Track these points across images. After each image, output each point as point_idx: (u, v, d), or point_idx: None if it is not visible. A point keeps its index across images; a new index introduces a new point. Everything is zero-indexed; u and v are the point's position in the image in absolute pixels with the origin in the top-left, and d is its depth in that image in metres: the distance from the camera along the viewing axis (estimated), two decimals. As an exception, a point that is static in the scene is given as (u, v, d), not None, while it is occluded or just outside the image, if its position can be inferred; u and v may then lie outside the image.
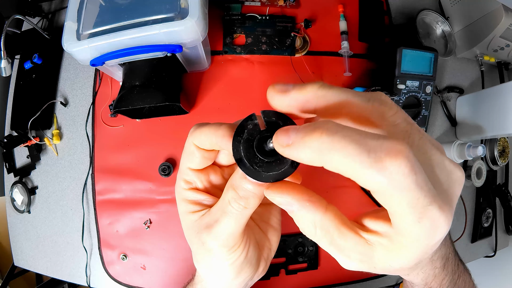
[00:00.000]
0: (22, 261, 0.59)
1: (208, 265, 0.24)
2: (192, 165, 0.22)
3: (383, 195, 0.14)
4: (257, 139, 0.17)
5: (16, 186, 0.57)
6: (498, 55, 0.69)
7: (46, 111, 0.57)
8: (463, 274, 0.31)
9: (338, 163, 0.14)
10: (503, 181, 0.78)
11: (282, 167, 0.17)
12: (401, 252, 0.16)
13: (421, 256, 0.16)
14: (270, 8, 0.61)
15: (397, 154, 0.13)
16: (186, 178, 0.23)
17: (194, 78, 0.58)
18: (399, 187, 0.13)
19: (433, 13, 0.70)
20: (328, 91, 0.17)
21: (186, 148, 0.22)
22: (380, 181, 0.13)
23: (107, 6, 0.45)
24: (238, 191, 0.20)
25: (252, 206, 0.20)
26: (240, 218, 0.21)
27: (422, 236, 0.15)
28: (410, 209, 0.14)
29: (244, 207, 0.20)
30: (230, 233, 0.21)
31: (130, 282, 0.55)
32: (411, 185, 0.13)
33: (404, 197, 0.14)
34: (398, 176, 0.13)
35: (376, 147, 0.13)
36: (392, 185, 0.13)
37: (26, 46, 0.61)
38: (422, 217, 0.14)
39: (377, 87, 0.50)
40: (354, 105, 0.16)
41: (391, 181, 0.13)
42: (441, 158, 0.17)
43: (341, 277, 0.60)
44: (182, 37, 0.43)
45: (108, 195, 0.56)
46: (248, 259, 0.24)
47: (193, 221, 0.23)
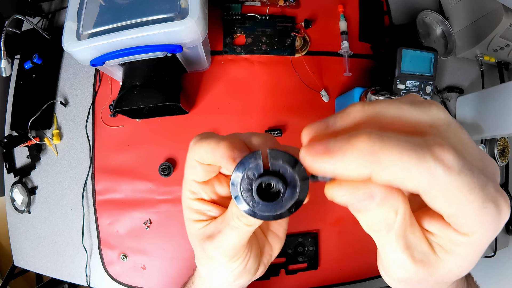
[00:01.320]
0: (22, 261, 0.59)
1: (208, 269, 0.25)
2: (195, 177, 0.22)
3: (441, 190, 0.14)
4: (258, 182, 0.16)
5: (16, 186, 0.57)
6: (498, 55, 0.69)
7: (46, 111, 0.57)
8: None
9: (391, 163, 0.13)
10: (503, 181, 0.78)
11: (279, 211, 0.16)
12: (464, 253, 0.15)
13: (481, 253, 0.16)
14: (270, 8, 0.61)
15: (442, 144, 0.13)
16: (191, 189, 0.23)
17: (194, 78, 0.58)
18: (455, 173, 0.13)
19: (433, 13, 0.70)
20: (384, 145, 0.13)
21: (188, 162, 0.22)
22: (435, 173, 0.13)
23: (107, 6, 0.45)
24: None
25: (253, 224, 0.20)
26: (243, 233, 0.21)
27: (488, 224, 0.14)
28: (471, 194, 0.13)
29: (246, 224, 0.20)
30: (232, 245, 0.21)
31: (130, 282, 0.55)
32: (465, 169, 0.13)
33: (462, 182, 0.13)
34: (451, 161, 0.13)
35: (421, 143, 0.13)
36: (448, 173, 0.13)
37: (26, 46, 0.61)
38: (485, 200, 0.14)
39: (377, 87, 0.50)
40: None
41: (446, 168, 0.13)
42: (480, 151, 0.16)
43: (341, 277, 0.60)
44: (182, 37, 0.43)
45: (108, 195, 0.56)
46: (247, 269, 0.24)
47: (197, 229, 0.23)
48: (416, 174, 0.13)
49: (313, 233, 0.59)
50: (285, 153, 0.16)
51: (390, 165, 0.13)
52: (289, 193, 0.16)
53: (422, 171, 0.13)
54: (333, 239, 0.60)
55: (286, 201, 0.16)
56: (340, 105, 0.60)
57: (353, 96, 0.53)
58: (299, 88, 0.60)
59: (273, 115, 0.59)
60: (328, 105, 0.61)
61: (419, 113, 0.15)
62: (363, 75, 0.63)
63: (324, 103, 0.61)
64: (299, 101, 0.60)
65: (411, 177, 0.13)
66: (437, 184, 0.13)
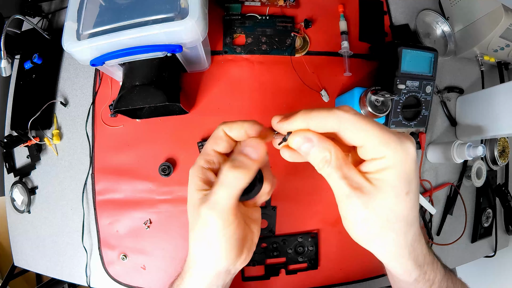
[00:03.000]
0: (22, 261, 0.59)
1: (203, 239, 0.27)
2: (218, 147, 0.28)
3: (349, 126, 0.23)
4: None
5: (16, 186, 0.57)
6: (498, 55, 0.69)
7: (46, 111, 0.57)
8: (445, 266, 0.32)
9: (315, 117, 0.24)
10: (503, 181, 0.78)
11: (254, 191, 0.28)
12: (388, 178, 0.22)
13: (407, 178, 0.22)
14: (270, 8, 0.61)
15: (344, 106, 0.24)
16: (208, 158, 0.28)
17: (194, 78, 0.58)
18: (352, 112, 0.23)
19: (433, 13, 0.70)
20: (312, 111, 0.25)
21: (216, 133, 0.28)
22: (342, 116, 0.23)
23: (107, 6, 0.45)
24: (233, 162, 0.25)
25: (241, 177, 0.25)
26: (232, 188, 0.25)
27: (394, 147, 0.22)
28: (368, 124, 0.22)
29: (236, 177, 0.25)
30: (224, 203, 0.25)
31: (130, 282, 0.55)
32: (359, 114, 0.23)
33: (359, 117, 0.22)
34: (348, 108, 0.23)
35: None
36: (348, 113, 0.23)
37: (26, 46, 0.61)
38: (382, 128, 0.22)
39: (377, 87, 0.50)
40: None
41: (346, 111, 0.23)
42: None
43: (341, 277, 0.60)
44: (182, 37, 0.43)
45: (108, 195, 0.56)
46: (238, 239, 0.27)
47: (198, 198, 0.27)
48: (330, 119, 0.23)
49: (313, 233, 0.59)
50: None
51: (315, 119, 0.24)
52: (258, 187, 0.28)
53: (332, 116, 0.23)
54: (333, 239, 0.60)
55: (255, 191, 0.28)
56: (340, 105, 0.60)
57: (353, 96, 0.53)
58: (299, 88, 0.60)
59: (273, 115, 0.59)
60: (328, 105, 0.61)
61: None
62: (363, 75, 0.63)
63: (324, 103, 0.61)
64: (299, 101, 0.60)
65: (328, 122, 0.23)
66: (345, 122, 0.23)
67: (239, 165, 0.25)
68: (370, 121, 0.22)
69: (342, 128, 0.23)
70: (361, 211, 0.23)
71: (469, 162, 0.70)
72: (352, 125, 0.22)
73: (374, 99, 0.50)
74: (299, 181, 0.58)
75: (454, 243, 0.65)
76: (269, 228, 0.57)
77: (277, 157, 0.27)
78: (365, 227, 0.24)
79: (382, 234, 0.24)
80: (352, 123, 0.22)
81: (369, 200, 0.23)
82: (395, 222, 0.23)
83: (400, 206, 0.23)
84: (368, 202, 0.23)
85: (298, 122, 0.24)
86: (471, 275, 0.81)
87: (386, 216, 0.23)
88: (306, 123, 0.24)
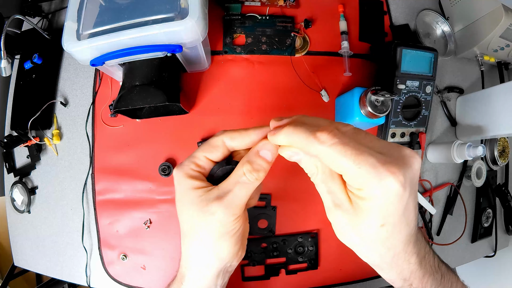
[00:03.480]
0: (22, 261, 0.59)
1: (209, 237, 0.27)
2: (210, 155, 0.28)
3: (324, 155, 0.22)
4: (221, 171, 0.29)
5: (16, 186, 0.57)
6: (498, 55, 0.69)
7: (46, 111, 0.57)
8: (447, 274, 0.32)
9: (295, 140, 0.24)
10: (503, 181, 0.78)
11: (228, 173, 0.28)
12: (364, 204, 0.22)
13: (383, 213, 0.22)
14: (270, 8, 0.61)
15: (324, 130, 0.22)
16: (199, 162, 0.28)
17: (194, 78, 0.58)
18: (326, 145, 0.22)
19: (433, 13, 0.70)
20: (293, 131, 0.24)
21: (213, 142, 0.28)
22: (317, 148, 0.22)
23: (107, 6, 0.45)
24: (253, 165, 0.26)
25: (261, 178, 0.27)
26: (250, 188, 0.27)
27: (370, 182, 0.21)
28: (343, 158, 0.21)
29: (256, 179, 0.26)
30: (240, 202, 0.26)
31: (130, 282, 0.55)
32: (337, 144, 0.22)
33: (334, 150, 0.22)
34: (324, 138, 0.22)
35: (315, 130, 0.23)
36: (321, 145, 0.22)
37: (26, 46, 0.61)
38: (359, 163, 0.21)
39: (377, 87, 0.50)
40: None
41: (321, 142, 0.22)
42: (389, 145, 0.23)
43: (341, 277, 0.60)
44: (182, 37, 0.43)
45: (108, 195, 0.56)
46: (240, 235, 0.29)
47: (198, 196, 0.27)
48: (307, 146, 0.23)
49: (313, 233, 0.59)
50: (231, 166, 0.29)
51: (296, 141, 0.24)
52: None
53: (308, 144, 0.23)
54: (333, 239, 0.60)
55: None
56: (340, 105, 0.60)
57: (353, 96, 0.53)
58: (299, 88, 0.60)
59: (273, 115, 0.58)
60: (328, 105, 0.61)
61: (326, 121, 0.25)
62: (363, 75, 0.63)
63: (324, 103, 0.61)
64: (299, 101, 0.60)
65: (306, 147, 0.23)
66: (319, 153, 0.22)
67: (258, 168, 0.26)
68: (346, 155, 0.21)
69: (319, 157, 0.23)
70: (342, 225, 0.25)
71: (469, 162, 0.70)
72: (327, 158, 0.22)
73: (374, 99, 0.50)
74: (299, 181, 0.58)
75: (454, 243, 0.65)
76: (269, 228, 0.57)
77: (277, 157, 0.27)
78: (345, 238, 0.26)
79: (360, 247, 0.26)
80: (327, 156, 0.22)
81: (349, 218, 0.24)
82: (371, 244, 0.24)
83: (374, 235, 0.23)
84: (348, 221, 0.24)
85: (283, 139, 0.25)
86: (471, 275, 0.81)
87: (362, 237, 0.24)
88: (289, 142, 0.25)
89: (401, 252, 0.25)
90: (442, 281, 0.30)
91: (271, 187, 0.58)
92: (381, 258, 0.26)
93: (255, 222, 0.57)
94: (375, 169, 0.21)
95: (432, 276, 0.29)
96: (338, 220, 0.25)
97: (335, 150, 0.22)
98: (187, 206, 0.27)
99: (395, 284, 0.29)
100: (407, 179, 0.21)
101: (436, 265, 0.30)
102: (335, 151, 0.22)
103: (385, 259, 0.26)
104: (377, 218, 0.22)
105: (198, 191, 0.27)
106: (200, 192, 0.27)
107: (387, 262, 0.26)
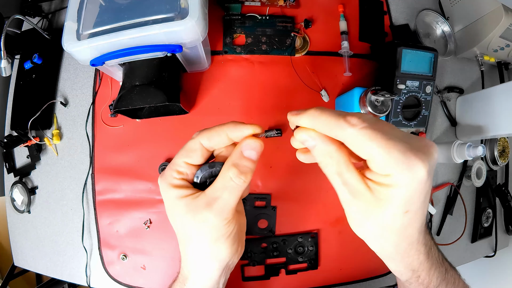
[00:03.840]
0: (22, 261, 0.59)
1: (207, 241, 0.27)
2: (190, 160, 0.27)
3: (352, 139, 0.22)
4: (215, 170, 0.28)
5: (16, 186, 0.57)
6: (498, 55, 0.69)
7: (46, 111, 0.57)
8: (450, 270, 0.32)
9: (322, 122, 0.23)
10: (503, 181, 0.78)
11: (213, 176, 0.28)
12: (390, 191, 0.22)
13: (409, 199, 0.22)
14: (270, 8, 0.61)
15: (353, 115, 0.22)
16: (180, 170, 0.27)
17: (194, 78, 0.58)
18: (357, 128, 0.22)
19: (433, 13, 0.70)
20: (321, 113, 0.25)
21: (189, 146, 0.27)
22: (347, 130, 0.22)
23: (107, 6, 0.45)
24: (239, 168, 0.25)
25: (248, 180, 0.26)
26: (239, 191, 0.26)
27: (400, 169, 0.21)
28: (373, 142, 0.21)
29: (244, 181, 0.25)
30: (230, 206, 0.26)
31: (130, 282, 0.55)
32: (367, 128, 0.21)
33: (364, 133, 0.21)
34: (355, 121, 0.22)
35: (344, 114, 0.23)
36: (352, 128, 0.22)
37: (26, 46, 0.61)
38: (390, 148, 0.21)
39: (377, 87, 0.50)
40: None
41: (351, 125, 0.22)
42: (410, 135, 0.23)
43: (341, 277, 0.60)
44: (182, 37, 0.43)
45: (108, 195, 0.56)
46: (236, 233, 0.28)
47: (187, 204, 0.26)
48: (335, 129, 0.23)
49: (313, 233, 0.59)
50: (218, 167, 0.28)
51: (321, 123, 0.23)
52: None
53: (337, 127, 0.22)
54: (333, 239, 0.60)
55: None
56: (340, 105, 0.60)
57: (353, 96, 0.53)
58: (299, 88, 0.60)
59: (273, 115, 0.59)
60: (328, 105, 0.61)
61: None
62: (363, 75, 0.63)
63: (324, 103, 0.61)
64: (299, 101, 0.60)
65: (332, 130, 0.23)
66: (349, 135, 0.22)
67: (245, 171, 0.25)
68: (377, 139, 0.21)
69: (347, 141, 0.22)
70: (359, 216, 0.24)
71: (469, 162, 0.70)
72: (357, 142, 0.22)
73: (374, 99, 0.50)
74: (299, 181, 0.58)
75: (454, 243, 0.65)
76: (269, 228, 0.57)
77: (277, 157, 0.27)
78: (362, 230, 0.25)
79: (376, 238, 0.25)
80: (357, 139, 0.22)
81: (367, 209, 0.23)
82: (389, 233, 0.24)
83: (396, 223, 0.23)
84: (366, 211, 0.23)
85: (305, 120, 0.24)
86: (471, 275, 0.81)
87: (381, 226, 0.24)
88: (312, 124, 0.24)
89: (415, 242, 0.26)
90: (446, 275, 0.31)
91: (271, 187, 0.58)
92: (395, 248, 0.25)
93: (255, 222, 0.57)
94: (405, 155, 0.21)
95: (438, 269, 0.29)
96: (357, 210, 0.24)
97: (366, 134, 0.21)
98: (178, 216, 0.27)
99: (403, 276, 0.29)
100: (431, 167, 0.21)
101: (440, 259, 0.31)
102: (366, 135, 0.21)
103: (399, 249, 0.26)
104: (402, 205, 0.22)
105: (185, 200, 0.26)
106: (188, 200, 0.26)
107: (400, 253, 0.26)
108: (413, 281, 0.29)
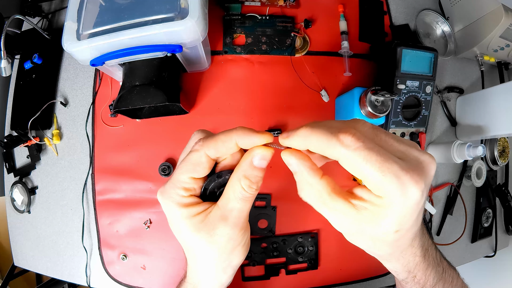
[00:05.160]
0: (22, 261, 0.59)
1: (217, 259, 0.27)
2: (197, 175, 0.25)
3: (346, 160, 0.21)
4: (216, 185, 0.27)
5: (16, 186, 0.57)
6: (498, 55, 0.69)
7: (46, 111, 0.57)
8: (448, 269, 0.33)
9: (314, 142, 0.22)
10: (503, 181, 0.78)
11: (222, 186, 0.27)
12: (381, 212, 0.21)
13: (401, 220, 0.21)
14: (270, 8, 0.61)
15: (346, 131, 0.21)
16: (187, 186, 0.26)
17: (194, 78, 0.58)
18: (351, 149, 0.20)
19: (433, 13, 0.70)
20: (312, 132, 0.23)
21: (194, 159, 0.25)
22: (340, 151, 0.21)
23: (107, 6, 0.45)
24: (251, 178, 0.25)
25: (259, 187, 0.26)
26: (251, 200, 0.26)
27: (393, 191, 0.20)
28: (367, 164, 0.20)
29: (256, 190, 0.25)
30: (245, 216, 0.26)
31: (130, 282, 0.55)
32: (361, 148, 0.20)
33: (358, 155, 0.20)
34: (348, 142, 0.21)
35: (336, 131, 0.21)
36: (345, 149, 0.21)
37: (26, 46, 0.61)
38: (383, 171, 0.20)
39: (377, 87, 0.50)
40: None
41: (345, 146, 0.21)
42: (409, 148, 0.22)
43: (341, 277, 0.60)
44: (182, 37, 0.43)
45: (108, 195, 0.56)
46: (248, 237, 0.28)
47: (200, 221, 0.25)
48: (327, 149, 0.22)
49: (313, 233, 0.59)
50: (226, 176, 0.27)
51: (313, 143, 0.22)
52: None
53: (329, 147, 0.21)
54: (333, 239, 0.60)
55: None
56: (340, 105, 0.60)
57: (353, 96, 0.53)
58: (299, 88, 0.60)
59: (273, 115, 0.59)
60: (328, 105, 0.61)
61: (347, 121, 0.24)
62: (363, 75, 0.63)
63: (324, 103, 0.61)
64: (299, 101, 0.60)
65: (325, 150, 0.22)
66: (342, 156, 0.21)
67: (257, 180, 0.25)
68: (371, 161, 0.20)
69: (340, 160, 0.22)
70: (352, 231, 0.23)
71: (469, 162, 0.70)
72: (350, 163, 0.21)
73: (374, 99, 0.50)
74: (299, 181, 0.58)
75: (454, 243, 0.65)
76: (269, 228, 0.57)
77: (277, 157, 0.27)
78: (353, 240, 0.24)
79: (369, 248, 0.25)
80: (350, 160, 0.21)
81: (357, 228, 0.23)
82: (381, 245, 0.24)
83: (387, 238, 0.23)
84: (357, 230, 0.23)
85: (298, 141, 0.23)
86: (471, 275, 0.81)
87: (373, 240, 0.23)
88: (305, 145, 0.23)
89: (409, 247, 0.26)
90: (443, 275, 0.31)
91: (271, 187, 0.58)
92: (389, 255, 0.26)
93: (255, 222, 0.57)
94: (398, 178, 0.20)
95: (434, 269, 0.30)
96: (347, 228, 0.23)
97: (360, 155, 0.20)
98: (190, 234, 0.26)
99: (399, 275, 0.30)
100: (426, 186, 0.21)
101: (438, 258, 0.31)
102: (360, 157, 0.20)
103: (393, 255, 0.26)
104: (393, 225, 0.21)
105: (198, 217, 0.25)
106: (201, 217, 0.25)
107: (395, 257, 0.27)
108: (409, 281, 0.30)
